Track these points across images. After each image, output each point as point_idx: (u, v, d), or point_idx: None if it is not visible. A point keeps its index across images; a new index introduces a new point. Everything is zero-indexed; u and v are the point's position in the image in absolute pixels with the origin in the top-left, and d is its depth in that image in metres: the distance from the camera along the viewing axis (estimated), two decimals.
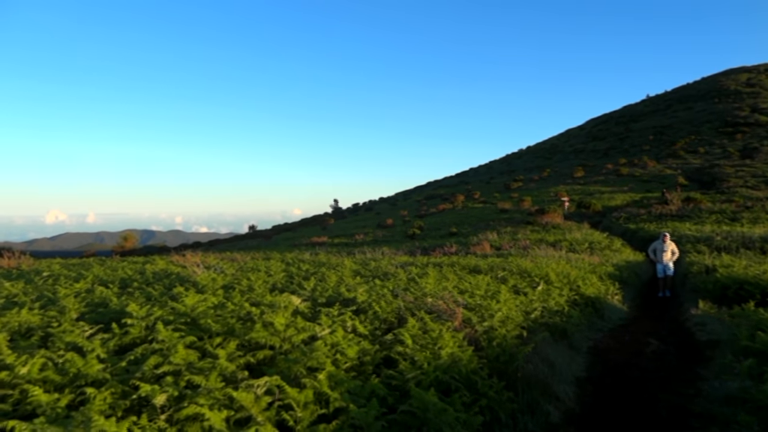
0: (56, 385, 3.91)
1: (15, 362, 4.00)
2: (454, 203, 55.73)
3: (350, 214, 69.68)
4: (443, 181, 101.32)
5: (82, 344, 4.70)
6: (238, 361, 4.31)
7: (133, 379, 4.06)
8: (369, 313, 7.01)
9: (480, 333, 6.75)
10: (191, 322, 5.91)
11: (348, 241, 36.47)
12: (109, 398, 3.56)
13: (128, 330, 5.47)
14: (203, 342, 5.22)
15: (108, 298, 7.58)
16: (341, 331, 5.52)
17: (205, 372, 4.09)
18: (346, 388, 4.23)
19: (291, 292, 8.16)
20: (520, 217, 38.99)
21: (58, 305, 6.95)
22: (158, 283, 9.56)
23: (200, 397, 3.54)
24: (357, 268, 13.30)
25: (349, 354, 5.03)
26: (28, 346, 4.98)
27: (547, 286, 11.88)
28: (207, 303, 6.54)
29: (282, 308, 6.44)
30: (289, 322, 5.43)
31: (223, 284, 9.28)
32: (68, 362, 4.11)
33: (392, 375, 4.87)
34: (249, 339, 5.18)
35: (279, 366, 4.63)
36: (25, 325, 5.79)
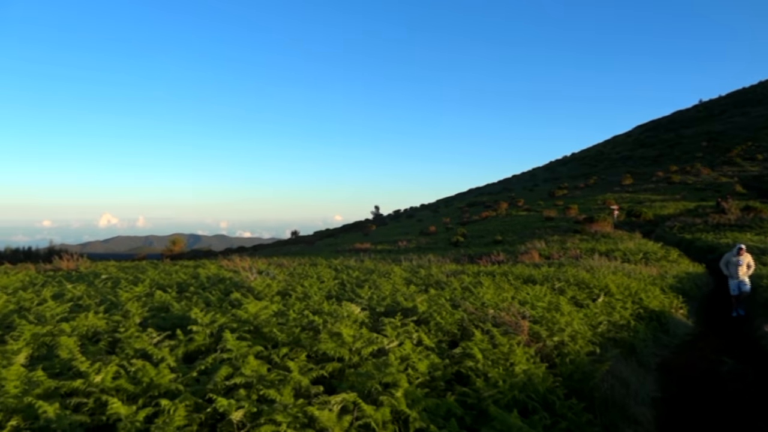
0: (129, 394, 3.82)
1: (89, 369, 3.93)
2: (498, 210, 54.83)
3: (391, 220, 69.54)
4: (485, 188, 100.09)
5: (151, 351, 4.63)
6: (310, 374, 4.13)
7: (205, 390, 3.94)
8: (431, 324, 6.76)
9: (550, 348, 6.41)
10: (254, 330, 5.79)
11: (391, 247, 36.29)
12: (183, 411, 3.43)
13: (193, 337, 5.39)
14: (269, 352, 5.09)
15: (168, 302, 7.58)
16: (409, 343, 5.29)
17: (277, 385, 3.93)
18: (423, 406, 4.00)
19: (348, 300, 7.98)
20: (566, 225, 37.96)
21: (122, 309, 6.98)
22: (214, 287, 9.56)
23: (277, 413, 3.37)
24: (407, 276, 13.05)
25: (420, 368, 4.80)
26: (96, 351, 4.95)
27: (608, 298, 11.35)
28: (268, 311, 6.42)
29: (344, 317, 6.27)
30: (356, 334, 5.23)
31: (278, 290, 9.19)
32: (140, 371, 4.02)
33: (467, 393, 4.60)
34: (316, 350, 5.01)
35: (350, 380, 4.43)
36: (92, 330, 5.79)
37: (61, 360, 4.46)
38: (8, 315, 6.72)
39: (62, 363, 4.42)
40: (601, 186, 64.83)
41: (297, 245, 49.89)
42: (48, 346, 5.06)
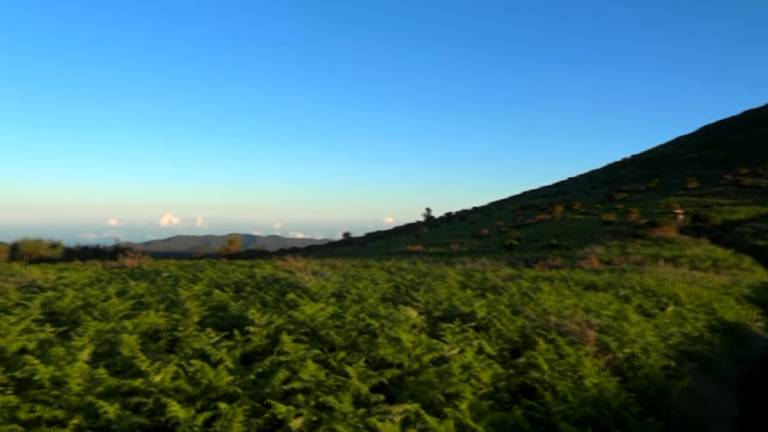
0: (188, 395, 3.77)
1: (149, 369, 3.91)
2: (553, 214, 53.29)
3: (443, 223, 68.87)
4: (540, 191, 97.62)
5: (209, 352, 4.59)
6: (369, 381, 3.96)
7: (263, 394, 3.85)
8: (491, 330, 6.48)
9: (621, 360, 6.00)
10: (311, 333, 5.69)
11: (443, 250, 35.86)
12: (241, 416, 3.33)
13: (250, 338, 5.34)
14: (326, 355, 4.97)
15: (226, 302, 7.62)
16: (470, 351, 5.05)
17: (335, 392, 3.79)
18: (488, 420, 3.75)
19: (404, 304, 7.79)
20: (626, 229, 36.38)
21: (181, 308, 7.06)
22: (270, 288, 9.59)
23: (337, 423, 3.21)
24: (462, 280, 12.73)
25: (483, 379, 4.54)
26: (156, 349, 4.97)
27: (678, 307, 10.67)
28: (325, 313, 6.31)
29: (402, 321, 6.08)
30: (415, 339, 5.03)
31: (333, 292, 9.11)
32: (199, 372, 3.97)
33: (534, 407, 4.31)
34: (374, 355, 4.85)
35: (410, 389, 4.24)
36: (153, 328, 5.85)
37: (122, 358, 4.49)
38: (75, 311, 6.91)
39: (124, 361, 4.45)
40: (663, 189, 61.93)
41: (349, 246, 50.20)
42: (111, 343, 5.12)
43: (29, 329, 5.47)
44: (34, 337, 5.06)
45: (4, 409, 3.29)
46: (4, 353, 4.60)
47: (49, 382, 3.74)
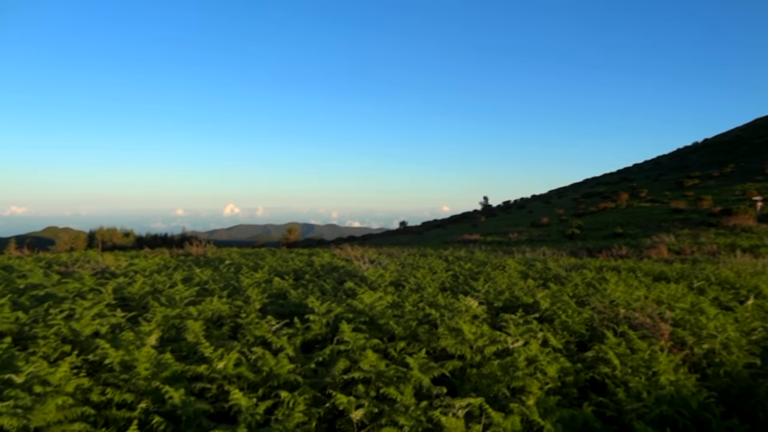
0: (250, 383, 3.79)
1: (212, 355, 3.96)
2: (617, 202, 51.12)
3: (501, 211, 67.56)
4: (602, 178, 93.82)
5: (270, 339, 4.61)
6: (431, 372, 3.85)
7: (323, 383, 3.82)
8: (555, 322, 6.21)
9: (698, 357, 5.60)
10: (370, 322, 5.64)
11: (501, 239, 35.20)
12: (302, 405, 3.30)
13: (310, 326, 5.35)
14: (385, 345, 4.90)
15: (286, 289, 7.71)
16: (535, 343, 4.83)
17: (396, 383, 3.70)
18: (557, 416, 3.56)
19: (463, 294, 7.62)
20: (698, 218, 34.40)
21: (243, 295, 7.19)
22: (328, 276, 9.65)
23: (399, 415, 3.12)
24: (523, 269, 12.39)
25: (550, 373, 4.33)
26: (220, 336, 5.06)
27: (759, 300, 9.92)
28: (383, 302, 6.25)
29: (462, 312, 5.93)
30: (476, 330, 4.87)
31: (391, 281, 9.05)
32: (260, 359, 3.99)
33: (605, 404, 4.07)
34: (435, 346, 4.73)
35: (472, 381, 4.10)
36: (216, 314, 5.98)
37: (187, 343, 4.59)
38: (144, 296, 7.18)
39: (188, 346, 4.54)
40: (739, 174, 58.07)
41: (405, 235, 50.17)
42: (176, 328, 5.26)
43: (102, 314, 5.70)
44: (106, 322, 5.27)
45: (78, 391, 3.41)
46: (79, 337, 4.80)
47: (119, 366, 3.86)
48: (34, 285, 8.04)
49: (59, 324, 5.06)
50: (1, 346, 4.26)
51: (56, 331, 4.90)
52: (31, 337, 4.87)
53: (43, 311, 5.74)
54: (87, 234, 41.42)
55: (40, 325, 5.10)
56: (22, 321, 5.39)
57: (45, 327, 5.01)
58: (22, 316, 5.49)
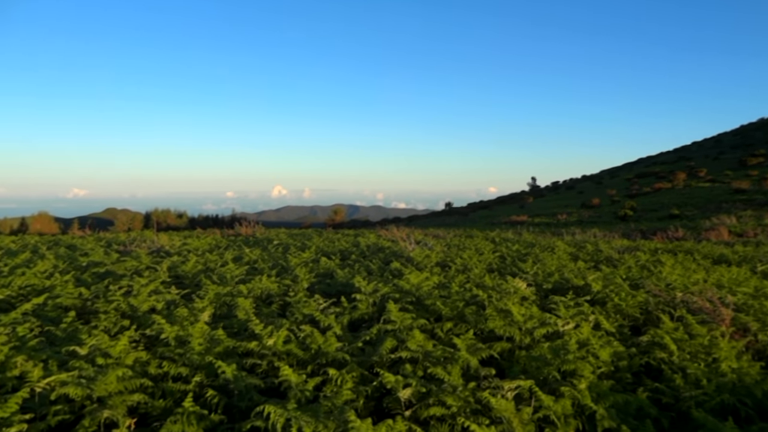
0: (299, 359, 3.85)
1: (262, 332, 4.04)
2: (673, 182, 49.00)
3: (549, 192, 66.01)
4: (658, 157, 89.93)
5: (318, 318, 4.67)
6: (478, 354, 3.80)
7: (370, 362, 3.84)
8: (608, 305, 6.02)
9: (764, 343, 5.32)
10: (416, 302, 5.63)
11: (550, 220, 34.45)
12: (350, 383, 3.32)
13: (357, 305, 5.39)
14: (432, 325, 4.88)
15: (332, 269, 7.79)
16: (587, 327, 4.69)
17: (443, 363, 3.67)
18: (610, 402, 3.45)
19: (511, 275, 7.49)
20: (763, 198, 32.56)
21: (291, 274, 7.31)
22: (374, 256, 9.69)
23: (447, 395, 3.10)
24: (572, 251, 12.08)
25: (602, 357, 4.20)
26: (269, 313, 5.16)
27: None
28: (430, 282, 6.22)
29: (511, 293, 5.83)
30: (525, 312, 4.78)
31: (437, 261, 9.01)
32: (309, 337, 4.04)
33: (661, 390, 3.92)
34: (482, 328, 4.68)
35: (521, 363, 4.03)
36: (265, 292, 6.10)
37: (238, 320, 4.70)
38: (197, 275, 7.41)
39: (239, 323, 4.66)
40: None
41: (451, 217, 49.82)
42: (228, 306, 5.40)
43: (157, 291, 5.92)
44: (161, 298, 5.47)
45: (136, 363, 3.55)
46: (137, 312, 5.01)
47: (174, 340, 3.99)
48: (95, 263, 8.43)
49: (118, 300, 5.29)
50: (66, 320, 4.49)
51: (116, 307, 5.12)
52: (93, 312, 5.11)
53: (103, 287, 6.02)
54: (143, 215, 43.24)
55: (101, 301, 5.35)
56: (85, 296, 5.66)
57: (106, 302, 5.25)
58: (85, 292, 5.77)
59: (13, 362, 3.27)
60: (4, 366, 3.26)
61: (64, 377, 3.01)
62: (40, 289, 6.02)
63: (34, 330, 4.18)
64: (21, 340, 3.86)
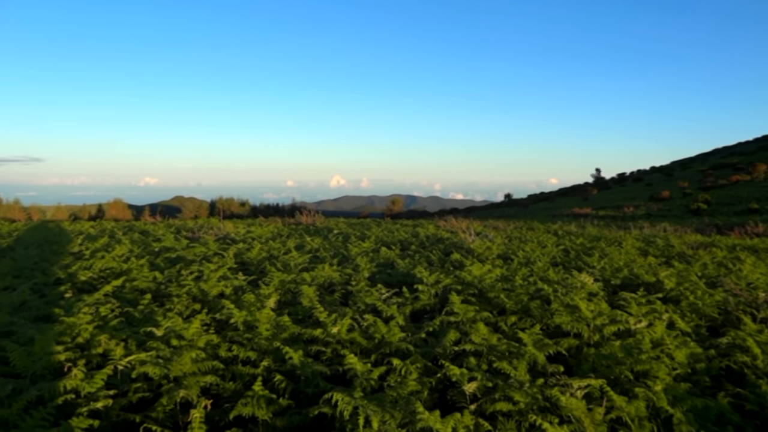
0: (362, 348, 3.88)
1: (327, 320, 4.10)
2: (753, 174, 45.88)
3: (615, 184, 63.39)
4: (735, 147, 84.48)
5: (380, 307, 4.69)
6: (546, 350, 3.70)
7: (433, 353, 3.81)
8: (683, 304, 5.72)
9: None
10: (479, 294, 5.55)
11: (615, 213, 33.13)
12: (415, 373, 3.32)
13: (419, 296, 5.37)
14: (495, 318, 4.79)
15: (393, 259, 7.81)
16: (660, 325, 4.47)
17: (509, 358, 3.60)
18: (688, 405, 3.28)
19: (576, 269, 7.25)
20: None
21: (352, 263, 7.39)
22: (434, 247, 9.63)
23: (513, 391, 3.03)
24: (641, 246, 11.55)
25: (678, 358, 4.00)
26: (332, 301, 5.23)
27: None
28: (492, 274, 6.12)
29: (577, 288, 5.64)
30: (594, 308, 4.61)
31: (499, 254, 8.85)
32: (372, 327, 4.07)
33: (744, 395, 3.69)
34: (548, 322, 4.55)
35: (589, 361, 3.89)
36: (328, 281, 6.19)
37: (303, 307, 4.79)
38: (261, 261, 7.61)
39: (304, 310, 4.75)
40: None
41: (510, 208, 48.86)
42: (292, 293, 5.52)
43: (225, 276, 6.13)
44: (229, 284, 5.65)
45: (208, 346, 3.69)
46: (207, 297, 5.20)
47: (243, 325, 4.12)
48: (167, 248, 8.83)
49: (190, 284, 5.52)
50: (143, 302, 4.72)
51: (187, 291, 5.35)
52: (167, 295, 5.35)
53: (175, 272, 6.29)
54: (208, 203, 44.99)
55: (174, 285, 5.60)
56: (158, 280, 5.94)
57: (178, 287, 5.49)
58: (158, 276, 6.06)
59: (97, 340, 3.48)
60: (90, 344, 3.47)
61: (143, 357, 3.17)
62: (118, 272, 6.37)
63: (114, 311, 4.42)
64: (103, 319, 4.10)
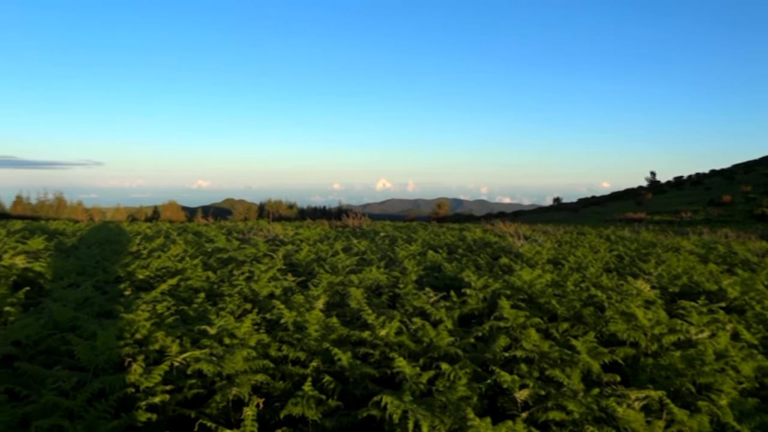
0: (411, 352, 3.85)
1: (375, 322, 4.10)
2: None
3: (671, 188, 60.87)
4: None
5: (428, 311, 4.66)
6: (600, 358, 3.57)
7: (483, 359, 3.75)
8: (748, 314, 5.43)
9: None
10: (529, 300, 5.43)
11: (671, 218, 31.85)
12: (464, 378, 3.27)
13: (467, 300, 5.30)
14: (546, 325, 4.67)
15: (439, 262, 7.75)
16: (725, 336, 4.25)
17: (561, 366, 3.50)
18: (756, 422, 3.09)
19: (632, 276, 7.00)
20: None
21: (399, 266, 7.37)
22: (481, 251, 9.51)
23: (567, 400, 2.94)
24: (701, 252, 11.04)
25: (744, 371, 3.78)
26: (379, 304, 5.23)
27: None
28: (543, 280, 5.98)
29: (633, 295, 5.44)
30: (652, 316, 4.43)
31: (549, 258, 8.65)
32: (420, 330, 4.04)
33: None
34: (602, 330, 4.40)
35: (647, 372, 3.73)
36: (375, 283, 6.20)
37: (351, 309, 4.81)
38: (310, 263, 7.71)
39: (352, 312, 4.77)
40: None
41: (560, 213, 47.74)
42: (340, 294, 5.55)
43: (275, 277, 6.23)
44: (279, 285, 5.75)
45: (258, 345, 3.75)
46: (257, 297, 5.30)
47: (293, 325, 4.17)
48: (219, 249, 9.07)
49: (241, 284, 5.64)
50: (197, 301, 4.86)
51: (239, 291, 5.47)
52: (219, 294, 5.49)
53: (227, 272, 6.45)
54: (257, 205, 46.05)
55: (226, 285, 5.74)
56: (211, 280, 6.11)
57: (230, 286, 5.62)
58: (211, 276, 6.23)
59: (155, 337, 3.59)
60: (147, 340, 3.59)
61: (197, 354, 3.25)
62: (174, 272, 6.59)
63: (170, 309, 4.57)
64: (160, 317, 4.24)
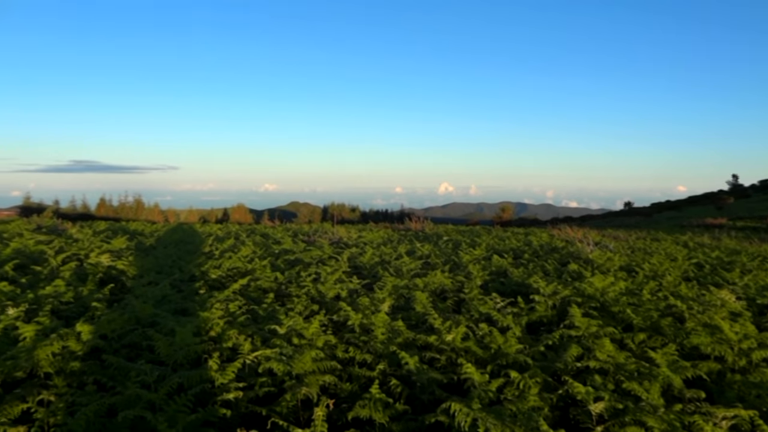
0: (478, 358, 3.78)
1: (441, 327, 4.06)
2: None
3: (756, 192, 56.75)
4: None
5: (495, 317, 4.57)
6: (682, 373, 3.37)
7: (553, 368, 3.62)
8: None
9: None
10: (601, 308, 5.21)
11: (757, 224, 29.70)
12: (534, 388, 3.17)
13: (535, 307, 5.16)
14: (621, 335, 4.46)
15: (505, 267, 7.59)
16: None
17: (638, 379, 3.32)
18: None
19: (715, 285, 6.57)
20: None
21: (464, 270, 7.28)
22: (548, 256, 9.23)
23: (647, 416, 2.78)
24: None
25: None
26: (444, 308, 5.18)
27: None
28: (616, 287, 5.72)
29: (717, 306, 5.10)
30: (739, 330, 4.13)
31: (621, 265, 8.27)
32: (488, 336, 3.96)
33: None
34: (682, 342, 4.15)
35: (734, 389, 3.48)
36: (440, 287, 6.15)
37: (416, 313, 4.79)
38: (374, 266, 7.75)
39: (417, 316, 4.74)
40: None
41: (631, 218, 45.60)
42: (405, 298, 5.54)
43: (341, 279, 6.31)
44: (344, 287, 5.81)
45: (326, 346, 3.80)
46: (324, 298, 5.38)
47: (359, 328, 4.20)
48: (286, 251, 9.30)
49: (308, 285, 5.75)
50: (267, 301, 5.00)
51: (306, 292, 5.57)
52: (287, 295, 5.62)
53: (295, 273, 6.60)
54: (321, 208, 46.95)
55: (294, 286, 5.87)
56: (279, 281, 6.26)
57: (297, 287, 5.75)
58: (279, 277, 6.39)
59: (228, 335, 3.72)
60: (221, 337, 3.72)
61: (268, 353, 3.33)
62: (244, 272, 6.81)
63: (241, 308, 4.72)
64: (232, 315, 4.39)
